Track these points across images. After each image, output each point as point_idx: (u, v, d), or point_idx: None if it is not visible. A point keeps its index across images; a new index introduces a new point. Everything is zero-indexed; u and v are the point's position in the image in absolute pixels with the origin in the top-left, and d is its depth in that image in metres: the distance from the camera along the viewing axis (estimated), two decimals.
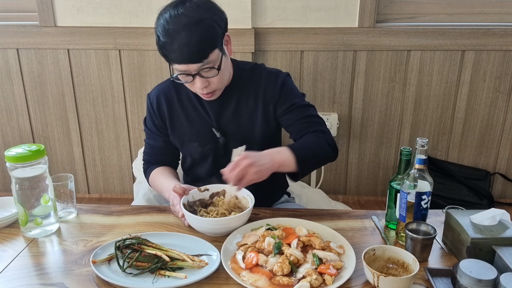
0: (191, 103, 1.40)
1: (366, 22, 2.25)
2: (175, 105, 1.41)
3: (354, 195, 2.63)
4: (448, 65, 2.33)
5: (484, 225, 1.08)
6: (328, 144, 1.33)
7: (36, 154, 1.15)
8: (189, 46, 1.17)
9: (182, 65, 1.21)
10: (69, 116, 2.52)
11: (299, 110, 1.37)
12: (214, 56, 1.22)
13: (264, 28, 2.28)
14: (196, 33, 1.17)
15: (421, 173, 1.11)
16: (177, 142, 1.44)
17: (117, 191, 2.69)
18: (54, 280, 1.03)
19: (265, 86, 1.37)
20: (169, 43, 1.18)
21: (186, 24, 1.17)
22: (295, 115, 1.37)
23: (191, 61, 1.20)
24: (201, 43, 1.18)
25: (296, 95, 1.40)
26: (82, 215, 1.33)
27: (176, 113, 1.41)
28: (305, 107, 1.39)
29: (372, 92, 2.39)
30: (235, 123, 1.38)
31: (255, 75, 1.39)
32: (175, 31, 1.17)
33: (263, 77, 1.38)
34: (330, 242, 1.13)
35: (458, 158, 2.50)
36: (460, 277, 0.94)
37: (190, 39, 1.16)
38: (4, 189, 2.72)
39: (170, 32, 1.18)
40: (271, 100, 1.37)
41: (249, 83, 1.38)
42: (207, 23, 1.19)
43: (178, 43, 1.17)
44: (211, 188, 1.31)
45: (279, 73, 1.40)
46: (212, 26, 1.20)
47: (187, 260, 1.06)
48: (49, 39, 2.36)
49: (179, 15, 1.18)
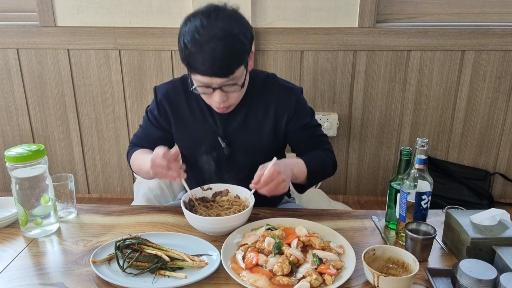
0: (200, 108, 1.35)
1: (366, 22, 2.25)
2: (182, 107, 1.36)
3: (354, 195, 2.63)
4: (448, 65, 2.33)
5: (484, 225, 1.08)
6: (332, 164, 1.41)
7: (36, 154, 1.15)
8: (218, 59, 1.12)
9: (205, 78, 1.16)
10: (69, 116, 2.52)
11: (311, 130, 1.39)
12: (239, 73, 1.18)
13: (264, 28, 2.28)
14: (227, 47, 1.12)
15: (421, 173, 1.11)
16: (180, 144, 1.43)
17: (117, 191, 2.69)
18: (54, 280, 1.03)
19: (278, 100, 1.34)
20: (197, 53, 1.13)
21: (217, 36, 1.11)
22: (306, 135, 1.39)
23: (217, 75, 1.15)
24: (230, 58, 1.14)
25: (308, 113, 1.39)
26: (82, 215, 1.32)
27: (182, 115, 1.37)
28: (316, 127, 1.41)
29: (372, 92, 2.39)
30: (242, 133, 1.35)
31: (267, 86, 1.35)
32: (206, 41, 1.12)
33: (276, 90, 1.35)
34: (330, 242, 1.13)
35: (458, 158, 2.50)
36: (460, 277, 0.94)
37: (220, 53, 1.11)
38: (4, 189, 2.72)
39: (200, 42, 1.12)
40: (283, 115, 1.34)
41: (260, 94, 1.34)
42: (239, 38, 1.15)
43: (207, 54, 1.12)
44: (214, 187, 1.31)
45: (293, 89, 1.37)
46: (242, 42, 1.16)
47: (187, 260, 1.06)
48: (49, 39, 2.36)
49: (212, 25, 1.12)
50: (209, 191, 1.30)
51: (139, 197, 1.68)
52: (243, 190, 1.28)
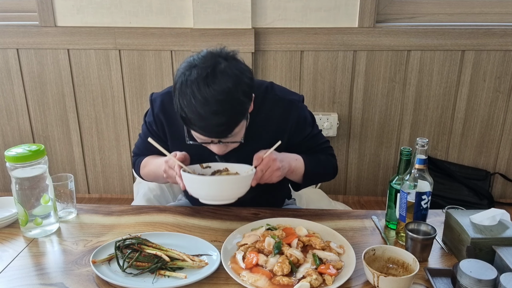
0: None
1: (366, 22, 2.25)
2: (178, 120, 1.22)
3: (354, 195, 2.63)
4: (448, 65, 2.33)
5: (484, 225, 1.08)
6: (332, 168, 1.41)
7: (36, 154, 1.15)
8: (217, 125, 1.08)
9: (204, 137, 1.13)
10: (69, 116, 2.52)
11: (312, 140, 1.38)
12: (239, 128, 1.14)
13: (264, 28, 2.28)
14: (227, 113, 1.07)
15: (421, 173, 1.11)
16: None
17: (117, 191, 2.69)
18: (54, 280, 1.03)
19: (278, 114, 1.30)
20: (195, 118, 1.08)
21: (216, 103, 1.05)
22: (309, 145, 1.37)
23: (217, 136, 1.12)
24: (230, 121, 1.10)
25: (309, 124, 1.35)
26: (82, 215, 1.32)
27: (178, 131, 1.29)
28: (317, 135, 1.39)
29: (372, 92, 2.39)
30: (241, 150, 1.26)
31: (266, 102, 1.30)
32: (203, 107, 1.05)
33: (276, 105, 1.30)
34: (330, 242, 1.13)
35: (458, 158, 2.50)
36: (460, 277, 0.94)
37: (219, 120, 1.07)
38: (4, 189, 2.72)
39: (198, 108, 1.06)
40: (285, 130, 1.31)
41: (259, 109, 1.28)
42: (239, 99, 1.09)
43: (205, 120, 1.07)
44: (213, 166, 1.26)
45: (293, 103, 1.31)
46: (242, 102, 1.10)
47: (187, 260, 1.06)
48: (49, 39, 2.36)
49: (209, 91, 1.05)
50: (208, 169, 1.26)
51: (139, 197, 1.68)
52: (244, 166, 1.23)
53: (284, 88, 1.36)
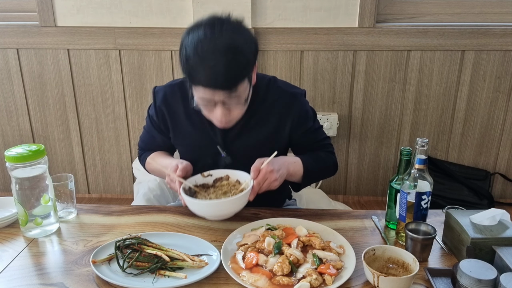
0: (198, 114, 1.28)
1: (366, 22, 2.25)
2: (180, 113, 1.33)
3: (354, 195, 2.63)
4: (448, 65, 2.33)
5: (484, 225, 1.08)
6: (333, 165, 1.40)
7: (36, 154, 1.15)
8: (221, 72, 1.08)
9: (207, 90, 1.11)
10: (69, 116, 2.52)
11: (313, 134, 1.38)
12: (242, 88, 1.14)
13: (264, 28, 2.28)
14: (231, 61, 1.08)
15: (421, 173, 1.11)
16: (180, 150, 1.42)
17: (117, 191, 2.69)
18: (54, 280, 1.03)
19: (281, 106, 1.31)
20: (200, 65, 1.08)
21: (221, 49, 1.07)
22: (309, 140, 1.38)
23: (220, 87, 1.10)
24: (234, 71, 1.09)
25: (310, 117, 1.37)
26: (82, 215, 1.32)
27: (180, 122, 1.33)
28: (318, 130, 1.39)
29: (372, 92, 2.39)
30: (242, 140, 1.31)
31: (269, 92, 1.31)
32: (209, 52, 1.07)
33: (278, 96, 1.31)
34: (330, 242, 1.13)
35: (458, 158, 2.50)
36: (460, 277, 0.94)
37: (224, 66, 1.07)
38: (4, 189, 2.72)
39: (204, 52, 1.07)
40: (286, 122, 1.32)
41: (262, 101, 1.30)
42: (244, 51, 1.11)
43: (209, 65, 1.08)
44: (214, 173, 1.29)
45: (296, 94, 1.33)
46: (246, 56, 1.12)
47: (187, 260, 1.06)
48: (49, 39, 2.36)
49: (216, 38, 1.08)
50: (210, 177, 1.29)
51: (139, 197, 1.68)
52: (244, 174, 1.25)
53: (286, 82, 1.39)
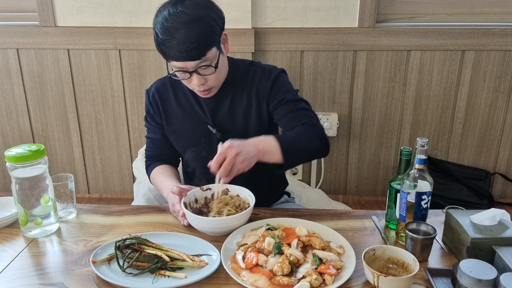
0: (187, 100, 1.42)
1: (366, 22, 2.25)
2: (171, 101, 1.43)
3: (354, 195, 2.63)
4: (448, 65, 2.33)
5: (484, 225, 1.08)
6: (318, 137, 1.30)
7: (36, 154, 1.15)
8: (187, 43, 1.18)
9: (179, 62, 1.22)
10: (69, 116, 2.52)
11: (289, 104, 1.36)
12: (211, 54, 1.23)
13: (264, 28, 2.28)
14: (195, 31, 1.18)
15: (421, 173, 1.11)
16: (173, 139, 1.46)
17: (117, 191, 2.69)
18: (54, 280, 1.03)
19: (258, 83, 1.39)
20: (168, 40, 1.19)
21: (184, 22, 1.18)
22: (285, 109, 1.36)
23: (189, 58, 1.21)
24: (199, 40, 1.19)
25: (287, 90, 1.39)
26: (82, 215, 1.33)
27: (172, 109, 1.43)
28: (296, 101, 1.37)
29: (372, 92, 2.39)
30: (230, 119, 1.40)
31: (250, 72, 1.40)
32: (174, 28, 1.18)
33: (257, 74, 1.40)
34: (330, 242, 1.13)
35: (458, 158, 2.50)
36: (460, 277, 0.94)
37: (189, 37, 1.18)
38: (4, 189, 2.72)
39: (169, 29, 1.19)
40: (263, 96, 1.38)
41: (243, 80, 1.40)
42: (206, 21, 1.21)
43: (176, 40, 1.18)
44: (213, 187, 1.31)
45: (273, 70, 1.41)
46: (210, 24, 1.22)
47: (187, 260, 1.06)
48: (49, 39, 2.36)
49: (178, 13, 1.19)
50: (209, 191, 1.30)
51: (139, 197, 1.68)
52: (243, 189, 1.28)
53: (268, 64, 1.47)
